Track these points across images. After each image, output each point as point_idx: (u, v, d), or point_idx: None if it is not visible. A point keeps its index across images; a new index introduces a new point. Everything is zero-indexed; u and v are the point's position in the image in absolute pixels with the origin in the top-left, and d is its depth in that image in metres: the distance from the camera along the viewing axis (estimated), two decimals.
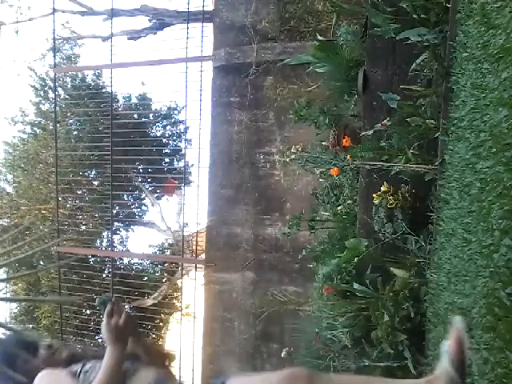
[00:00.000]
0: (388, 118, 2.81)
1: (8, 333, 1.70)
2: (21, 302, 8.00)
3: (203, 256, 5.44)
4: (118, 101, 7.79)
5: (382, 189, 2.84)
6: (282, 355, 3.91)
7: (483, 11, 1.71)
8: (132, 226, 8.54)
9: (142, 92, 8.00)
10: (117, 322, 1.54)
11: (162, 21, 6.05)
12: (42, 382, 1.54)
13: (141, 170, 8.01)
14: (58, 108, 6.87)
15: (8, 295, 8.03)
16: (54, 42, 6.38)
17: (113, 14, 5.79)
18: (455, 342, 1.40)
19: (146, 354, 1.68)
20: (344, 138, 4.06)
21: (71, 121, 7.68)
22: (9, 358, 1.62)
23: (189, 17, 5.18)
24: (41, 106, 8.36)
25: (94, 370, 1.55)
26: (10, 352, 1.64)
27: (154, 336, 8.09)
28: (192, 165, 7.42)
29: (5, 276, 7.26)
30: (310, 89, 4.45)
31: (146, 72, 7.78)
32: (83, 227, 7.61)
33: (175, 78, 5.22)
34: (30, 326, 7.75)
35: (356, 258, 2.87)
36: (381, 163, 2.76)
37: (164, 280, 8.13)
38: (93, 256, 7.30)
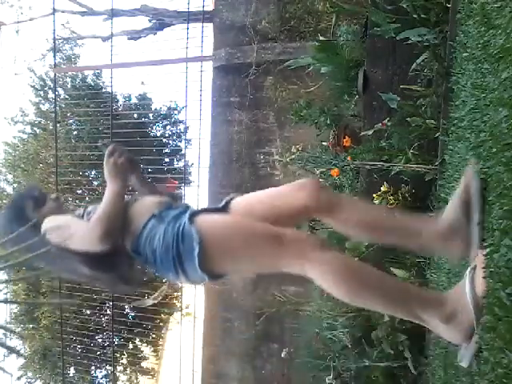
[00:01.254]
0: (388, 118, 2.81)
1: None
2: (20, 304, 8.00)
3: None
4: (118, 101, 7.79)
5: (382, 189, 2.84)
6: (282, 355, 3.92)
7: (483, 11, 1.71)
8: None
9: (142, 92, 8.01)
10: (116, 159, 1.58)
11: (162, 21, 6.06)
12: (48, 223, 1.60)
13: (141, 170, 8.00)
14: (58, 108, 6.87)
15: (8, 296, 8.03)
16: (54, 42, 6.38)
17: (113, 14, 5.79)
18: (465, 183, 1.36)
19: (150, 193, 1.75)
20: (344, 138, 4.06)
21: (71, 121, 7.68)
22: (19, 207, 1.69)
23: (189, 17, 5.19)
24: (41, 106, 8.36)
25: (96, 209, 1.59)
26: (20, 202, 1.71)
27: (153, 336, 8.09)
28: (192, 165, 7.43)
29: (5, 276, 7.26)
30: (310, 89, 4.45)
31: (146, 72, 7.78)
32: None
33: (175, 78, 5.22)
34: (30, 325, 7.75)
35: (356, 259, 2.88)
36: (381, 163, 2.76)
37: (164, 280, 8.12)
38: None
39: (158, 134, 8.22)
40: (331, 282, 1.32)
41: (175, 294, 7.87)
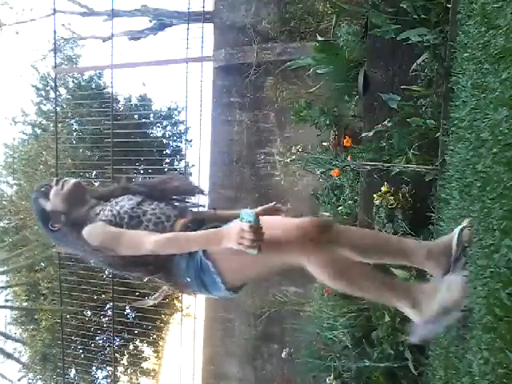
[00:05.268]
0: (388, 119, 2.81)
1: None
2: (19, 310, 8.01)
3: None
4: (118, 101, 7.79)
5: (383, 189, 2.84)
6: (283, 356, 3.91)
7: (483, 11, 1.71)
8: None
9: (143, 92, 8.01)
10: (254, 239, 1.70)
11: (162, 21, 6.07)
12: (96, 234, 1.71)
13: (141, 171, 8.01)
14: (58, 109, 6.87)
15: (9, 297, 8.04)
16: (55, 43, 6.39)
17: (113, 14, 5.79)
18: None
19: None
20: (344, 138, 4.06)
21: (72, 121, 7.69)
22: (46, 221, 1.86)
23: (189, 17, 5.19)
24: (42, 106, 8.36)
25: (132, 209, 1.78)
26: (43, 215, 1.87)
27: (154, 337, 8.09)
28: (192, 165, 7.43)
29: (6, 278, 7.27)
30: (310, 90, 4.45)
31: (146, 72, 7.80)
32: None
33: (176, 79, 5.23)
34: (31, 326, 7.76)
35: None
36: (381, 163, 2.76)
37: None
38: None
39: (159, 135, 8.23)
40: (322, 278, 1.61)
41: (176, 294, 7.87)
